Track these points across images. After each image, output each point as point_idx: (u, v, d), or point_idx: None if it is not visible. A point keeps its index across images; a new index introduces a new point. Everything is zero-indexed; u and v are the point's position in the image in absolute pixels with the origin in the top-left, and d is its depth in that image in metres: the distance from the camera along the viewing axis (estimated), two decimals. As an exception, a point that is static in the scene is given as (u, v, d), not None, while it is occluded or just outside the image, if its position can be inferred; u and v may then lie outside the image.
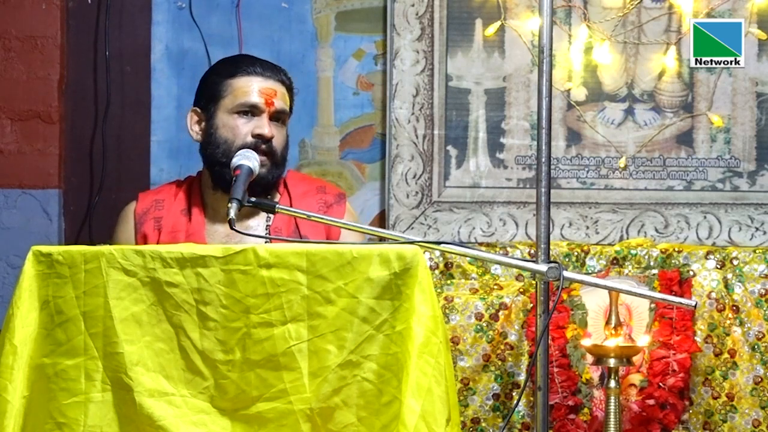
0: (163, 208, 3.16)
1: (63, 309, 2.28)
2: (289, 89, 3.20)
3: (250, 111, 3.10)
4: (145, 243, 3.10)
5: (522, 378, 3.69)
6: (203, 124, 3.16)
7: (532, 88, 3.91)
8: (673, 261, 3.76)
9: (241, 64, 3.16)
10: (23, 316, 2.29)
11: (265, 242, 3.01)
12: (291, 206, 3.13)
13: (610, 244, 3.87)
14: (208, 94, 3.16)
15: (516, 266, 3.16)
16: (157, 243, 3.08)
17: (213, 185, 3.14)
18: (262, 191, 3.09)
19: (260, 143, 3.07)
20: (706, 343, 3.67)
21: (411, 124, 3.93)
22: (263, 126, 3.08)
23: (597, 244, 3.88)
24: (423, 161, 3.93)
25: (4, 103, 3.94)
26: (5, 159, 3.93)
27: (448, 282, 3.78)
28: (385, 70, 3.95)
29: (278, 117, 3.13)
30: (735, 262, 3.75)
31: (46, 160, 3.93)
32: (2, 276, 3.90)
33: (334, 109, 3.99)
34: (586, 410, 3.65)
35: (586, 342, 3.53)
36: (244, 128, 3.09)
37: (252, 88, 3.11)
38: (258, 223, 3.14)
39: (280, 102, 3.13)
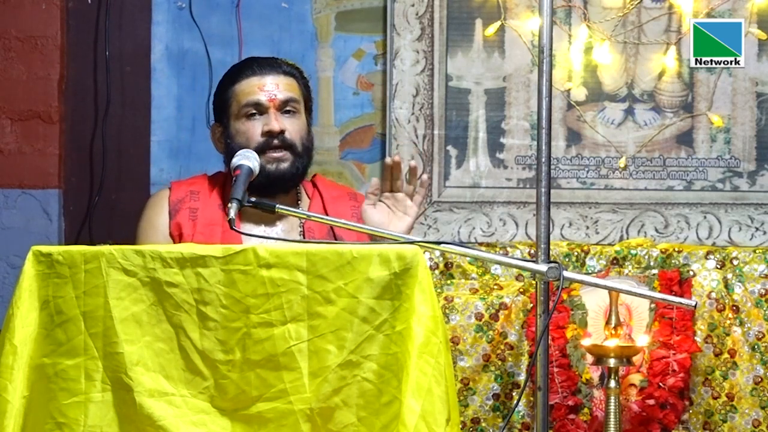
0: (198, 199, 3.11)
1: (63, 309, 2.28)
2: (296, 77, 3.14)
3: (257, 111, 3.07)
4: (180, 233, 3.05)
5: (522, 378, 3.69)
6: (223, 137, 3.13)
7: (532, 88, 3.91)
8: (673, 261, 3.76)
9: (241, 69, 3.13)
10: (23, 316, 2.28)
11: (302, 239, 3.03)
12: (325, 209, 3.11)
13: (610, 244, 3.87)
14: (219, 106, 3.14)
15: (516, 266, 3.16)
16: (193, 234, 3.03)
17: None
18: (292, 186, 3.06)
19: (271, 140, 3.04)
20: (706, 343, 3.67)
21: (411, 124, 3.93)
22: (270, 122, 3.05)
23: (597, 244, 3.88)
24: (423, 161, 3.93)
25: (4, 103, 3.94)
26: (5, 159, 3.93)
27: (448, 282, 3.78)
28: (385, 70, 3.95)
29: (288, 108, 3.08)
30: (735, 262, 3.75)
31: (46, 160, 3.93)
32: (2, 276, 3.90)
33: (334, 109, 3.99)
34: (586, 410, 3.65)
35: (586, 342, 3.53)
36: (255, 129, 3.05)
37: (252, 88, 3.08)
38: (291, 224, 3.11)
39: (285, 92, 3.08)
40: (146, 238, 3.09)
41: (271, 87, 3.07)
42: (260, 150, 3.00)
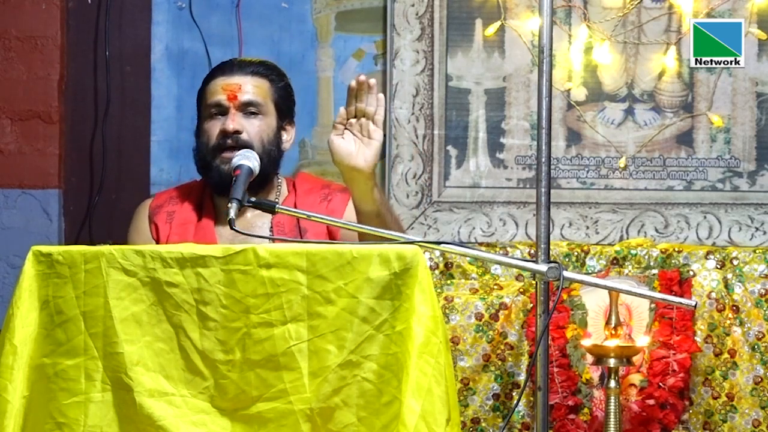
0: (177, 203, 3.17)
1: (63, 309, 2.28)
2: (270, 79, 3.15)
3: (218, 111, 3.09)
4: (157, 233, 3.12)
5: (522, 378, 3.69)
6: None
7: (532, 88, 3.91)
8: (673, 261, 3.76)
9: (214, 70, 3.17)
10: (23, 316, 2.29)
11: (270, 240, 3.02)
12: (295, 204, 3.13)
13: (610, 244, 3.87)
14: (198, 105, 3.19)
15: (516, 266, 3.16)
16: (168, 235, 3.09)
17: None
18: (256, 186, 3.05)
19: (226, 140, 3.05)
20: (706, 343, 3.67)
21: (411, 124, 3.93)
22: (227, 122, 3.06)
23: (597, 244, 3.88)
24: (423, 161, 3.93)
25: (4, 103, 3.94)
26: (5, 159, 3.94)
27: (448, 282, 3.78)
28: (385, 70, 3.95)
29: (250, 110, 3.10)
30: (735, 262, 3.75)
31: (46, 160, 3.93)
32: (2, 276, 3.90)
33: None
34: (586, 410, 3.65)
35: (586, 342, 3.53)
36: (214, 129, 3.08)
37: (217, 88, 3.10)
38: (263, 222, 3.13)
39: (248, 94, 3.09)
40: (132, 242, 3.17)
41: (233, 87, 3.08)
42: (216, 149, 3.03)
